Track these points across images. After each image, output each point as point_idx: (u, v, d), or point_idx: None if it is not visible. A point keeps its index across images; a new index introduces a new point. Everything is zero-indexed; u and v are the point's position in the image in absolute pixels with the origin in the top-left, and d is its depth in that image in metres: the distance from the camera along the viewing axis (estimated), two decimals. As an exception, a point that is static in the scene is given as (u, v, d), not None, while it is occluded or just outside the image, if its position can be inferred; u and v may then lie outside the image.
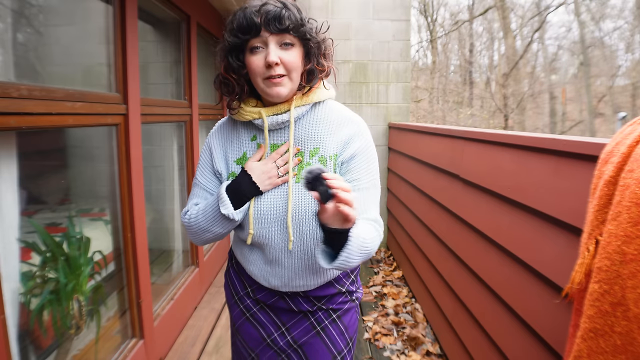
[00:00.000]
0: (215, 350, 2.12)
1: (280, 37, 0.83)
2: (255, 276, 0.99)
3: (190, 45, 2.53)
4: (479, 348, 1.65)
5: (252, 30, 0.83)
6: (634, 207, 0.66)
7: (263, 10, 0.82)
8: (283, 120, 0.89)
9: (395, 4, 3.71)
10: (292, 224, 0.88)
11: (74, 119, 1.35)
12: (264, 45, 0.84)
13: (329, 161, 0.90)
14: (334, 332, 1.00)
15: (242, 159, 0.94)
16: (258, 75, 0.85)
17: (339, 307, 1.01)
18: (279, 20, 0.81)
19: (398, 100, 3.82)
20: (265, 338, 1.01)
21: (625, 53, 14.52)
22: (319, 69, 0.90)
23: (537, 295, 1.23)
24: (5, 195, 1.17)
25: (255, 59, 0.84)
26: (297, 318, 1.00)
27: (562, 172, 1.13)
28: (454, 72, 17.21)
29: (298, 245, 0.91)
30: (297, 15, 0.84)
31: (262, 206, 0.90)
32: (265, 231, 0.91)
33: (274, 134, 0.92)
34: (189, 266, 2.64)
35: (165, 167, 2.59)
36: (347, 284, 1.03)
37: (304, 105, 0.91)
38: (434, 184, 2.35)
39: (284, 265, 0.94)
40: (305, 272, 0.94)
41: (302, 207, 0.88)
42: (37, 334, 1.35)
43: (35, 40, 1.50)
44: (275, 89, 0.85)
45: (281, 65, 0.83)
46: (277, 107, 0.90)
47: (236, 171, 0.93)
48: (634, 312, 0.64)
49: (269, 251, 0.93)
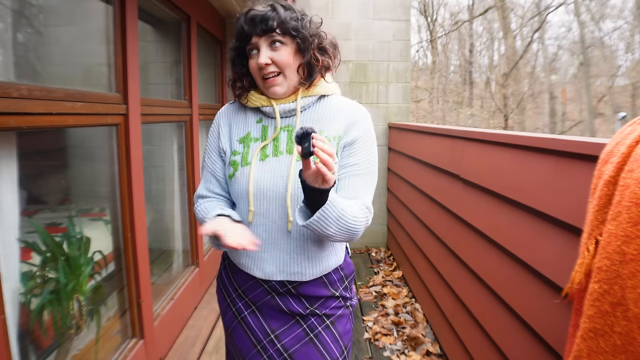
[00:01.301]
0: (215, 350, 2.12)
1: (269, 37, 0.89)
2: (248, 268, 0.98)
3: (190, 45, 2.53)
4: (479, 348, 1.65)
5: (244, 37, 0.91)
6: (633, 207, 0.67)
7: (249, 16, 0.89)
8: (290, 109, 0.95)
9: (395, 4, 3.71)
10: (291, 204, 0.90)
11: (74, 119, 1.35)
12: (257, 49, 0.91)
13: (332, 141, 0.93)
14: (328, 338, 0.97)
15: (245, 138, 0.98)
16: (257, 77, 0.93)
17: (333, 313, 0.99)
18: (264, 22, 0.88)
19: (398, 100, 3.82)
20: (255, 344, 0.99)
21: (625, 53, 14.54)
22: (316, 63, 0.93)
23: (537, 295, 1.23)
24: (5, 195, 1.17)
25: (252, 62, 0.92)
26: (288, 325, 0.98)
27: (562, 172, 1.13)
28: (454, 72, 17.21)
29: (295, 226, 0.92)
30: (283, 14, 0.89)
31: (261, 184, 0.92)
32: (263, 209, 0.92)
33: (280, 120, 0.96)
34: (189, 266, 2.64)
35: (165, 167, 2.59)
36: (340, 288, 1.02)
37: (309, 97, 0.96)
38: (434, 184, 2.35)
39: (280, 247, 0.93)
40: (301, 257, 0.94)
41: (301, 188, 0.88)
42: (37, 334, 1.35)
43: (35, 40, 1.50)
44: (272, 88, 0.92)
45: (273, 64, 0.90)
46: (285, 99, 0.96)
47: (238, 150, 0.97)
48: (634, 312, 0.64)
49: (266, 231, 0.93)
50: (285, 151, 0.93)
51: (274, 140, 0.95)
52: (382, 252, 3.78)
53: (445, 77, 16.59)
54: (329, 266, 0.98)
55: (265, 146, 0.95)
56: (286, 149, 0.94)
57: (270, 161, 0.93)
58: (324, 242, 0.95)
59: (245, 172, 0.93)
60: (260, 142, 0.96)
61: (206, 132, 3.15)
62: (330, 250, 0.98)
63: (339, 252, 1.02)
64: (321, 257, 0.96)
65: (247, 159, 0.94)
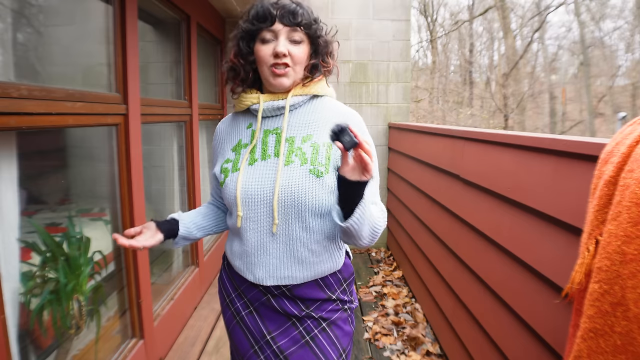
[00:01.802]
0: (215, 350, 2.12)
1: (292, 31, 0.90)
2: (241, 271, 0.99)
3: (190, 45, 2.53)
4: (479, 348, 1.65)
5: (267, 20, 0.89)
6: (634, 207, 0.66)
7: (280, 4, 0.90)
8: (279, 106, 0.94)
9: (395, 4, 3.71)
10: (278, 206, 0.90)
11: (74, 119, 1.35)
12: (274, 37, 0.90)
13: (322, 147, 0.92)
14: (324, 341, 0.97)
15: (237, 146, 0.99)
16: (265, 64, 0.91)
17: (329, 316, 0.98)
18: (293, 15, 0.89)
19: (398, 100, 3.82)
20: (253, 344, 0.99)
21: (625, 53, 14.53)
22: (323, 65, 0.97)
23: (537, 295, 1.23)
24: (5, 195, 1.17)
25: (264, 48, 0.91)
26: (284, 326, 0.97)
27: (562, 172, 1.13)
28: (454, 72, 17.21)
29: (283, 229, 0.92)
30: (310, 15, 0.93)
31: (249, 188, 0.92)
32: (252, 213, 0.93)
33: (268, 121, 0.97)
34: (189, 266, 2.64)
35: (165, 167, 2.59)
36: (337, 291, 1.01)
37: (302, 95, 0.96)
38: (434, 184, 2.35)
39: (268, 251, 0.93)
40: (289, 261, 0.93)
41: (289, 190, 0.89)
42: (37, 334, 1.35)
43: (35, 40, 1.50)
44: (279, 79, 0.91)
45: (288, 57, 0.90)
46: (276, 95, 0.95)
47: (230, 157, 0.98)
48: (634, 312, 0.64)
49: (254, 236, 0.93)
50: (273, 154, 0.93)
51: (263, 144, 0.95)
52: (382, 252, 3.78)
53: (445, 77, 16.59)
54: (322, 271, 0.97)
55: (253, 149, 0.95)
56: (274, 152, 0.93)
57: (258, 165, 0.93)
58: (315, 247, 0.94)
59: (234, 178, 0.94)
60: (249, 147, 0.96)
61: (206, 132, 3.15)
62: (324, 257, 0.96)
63: (336, 257, 1.00)
64: (313, 262, 0.95)
65: (237, 166, 0.95)
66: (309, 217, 0.90)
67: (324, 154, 0.91)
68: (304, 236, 0.92)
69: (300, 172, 0.89)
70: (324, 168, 0.90)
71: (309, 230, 0.92)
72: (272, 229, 0.92)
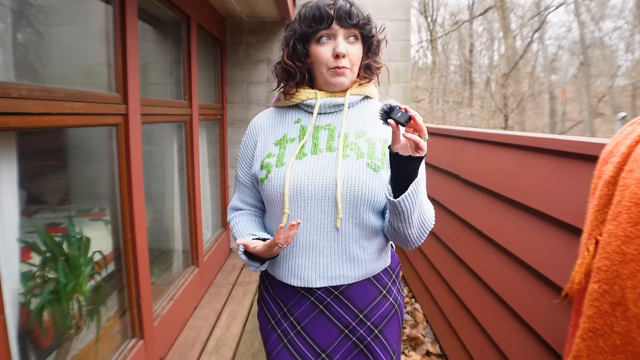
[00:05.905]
0: (215, 350, 2.12)
1: (348, 31, 0.91)
2: (284, 277, 0.94)
3: (190, 46, 2.53)
4: (479, 348, 1.65)
5: (325, 21, 0.89)
6: (633, 207, 0.66)
7: (336, 5, 0.90)
8: (336, 103, 0.95)
9: (395, 4, 3.71)
10: (342, 200, 0.87)
11: (74, 119, 1.35)
12: (331, 37, 0.91)
13: (378, 143, 0.93)
14: (377, 347, 0.95)
15: (281, 140, 0.96)
16: (324, 65, 0.91)
17: (380, 321, 0.96)
18: (349, 16, 0.89)
19: (398, 100, 3.82)
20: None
21: (625, 53, 14.52)
22: (375, 65, 0.99)
23: (537, 295, 1.23)
24: (5, 195, 1.17)
25: (322, 49, 0.91)
26: (338, 340, 0.94)
27: (562, 172, 1.13)
28: (454, 72, 17.22)
29: (334, 225, 0.89)
30: (363, 14, 0.93)
31: (300, 182, 0.88)
32: (301, 211, 0.89)
33: (321, 117, 0.96)
34: (189, 266, 2.64)
35: (165, 167, 2.59)
36: (389, 283, 0.99)
37: (357, 95, 0.97)
38: (434, 184, 2.35)
39: (319, 250, 0.90)
40: (341, 259, 0.91)
41: (348, 183, 0.87)
42: (37, 334, 1.34)
43: (35, 40, 1.50)
44: (339, 78, 0.92)
45: (347, 57, 0.91)
46: (332, 93, 0.96)
47: (273, 152, 0.94)
48: (634, 312, 0.64)
49: (302, 235, 0.90)
50: (325, 149, 0.91)
51: (314, 139, 0.93)
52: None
53: (445, 77, 16.60)
54: (374, 270, 0.96)
55: (304, 144, 0.92)
56: (326, 147, 0.91)
57: (308, 160, 0.90)
58: (367, 244, 0.92)
59: (280, 172, 0.90)
60: (297, 142, 0.93)
61: (206, 132, 3.15)
62: (375, 255, 0.95)
63: (385, 256, 0.99)
64: (364, 260, 0.93)
65: (282, 160, 0.91)
66: (364, 211, 0.89)
67: (381, 149, 0.92)
68: (357, 232, 0.90)
69: (357, 165, 0.89)
70: (381, 163, 0.90)
71: (361, 226, 0.90)
72: (325, 226, 0.89)
